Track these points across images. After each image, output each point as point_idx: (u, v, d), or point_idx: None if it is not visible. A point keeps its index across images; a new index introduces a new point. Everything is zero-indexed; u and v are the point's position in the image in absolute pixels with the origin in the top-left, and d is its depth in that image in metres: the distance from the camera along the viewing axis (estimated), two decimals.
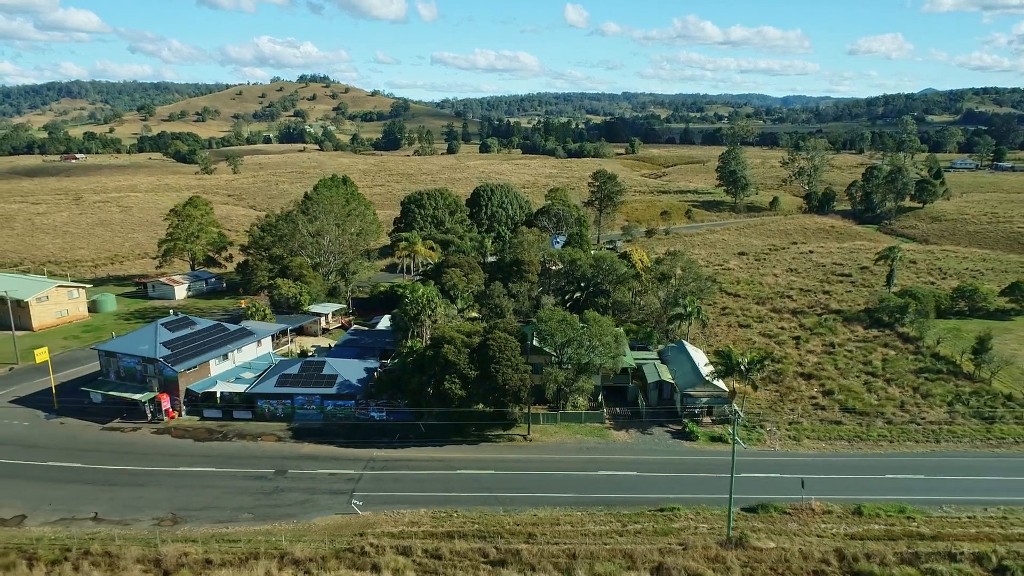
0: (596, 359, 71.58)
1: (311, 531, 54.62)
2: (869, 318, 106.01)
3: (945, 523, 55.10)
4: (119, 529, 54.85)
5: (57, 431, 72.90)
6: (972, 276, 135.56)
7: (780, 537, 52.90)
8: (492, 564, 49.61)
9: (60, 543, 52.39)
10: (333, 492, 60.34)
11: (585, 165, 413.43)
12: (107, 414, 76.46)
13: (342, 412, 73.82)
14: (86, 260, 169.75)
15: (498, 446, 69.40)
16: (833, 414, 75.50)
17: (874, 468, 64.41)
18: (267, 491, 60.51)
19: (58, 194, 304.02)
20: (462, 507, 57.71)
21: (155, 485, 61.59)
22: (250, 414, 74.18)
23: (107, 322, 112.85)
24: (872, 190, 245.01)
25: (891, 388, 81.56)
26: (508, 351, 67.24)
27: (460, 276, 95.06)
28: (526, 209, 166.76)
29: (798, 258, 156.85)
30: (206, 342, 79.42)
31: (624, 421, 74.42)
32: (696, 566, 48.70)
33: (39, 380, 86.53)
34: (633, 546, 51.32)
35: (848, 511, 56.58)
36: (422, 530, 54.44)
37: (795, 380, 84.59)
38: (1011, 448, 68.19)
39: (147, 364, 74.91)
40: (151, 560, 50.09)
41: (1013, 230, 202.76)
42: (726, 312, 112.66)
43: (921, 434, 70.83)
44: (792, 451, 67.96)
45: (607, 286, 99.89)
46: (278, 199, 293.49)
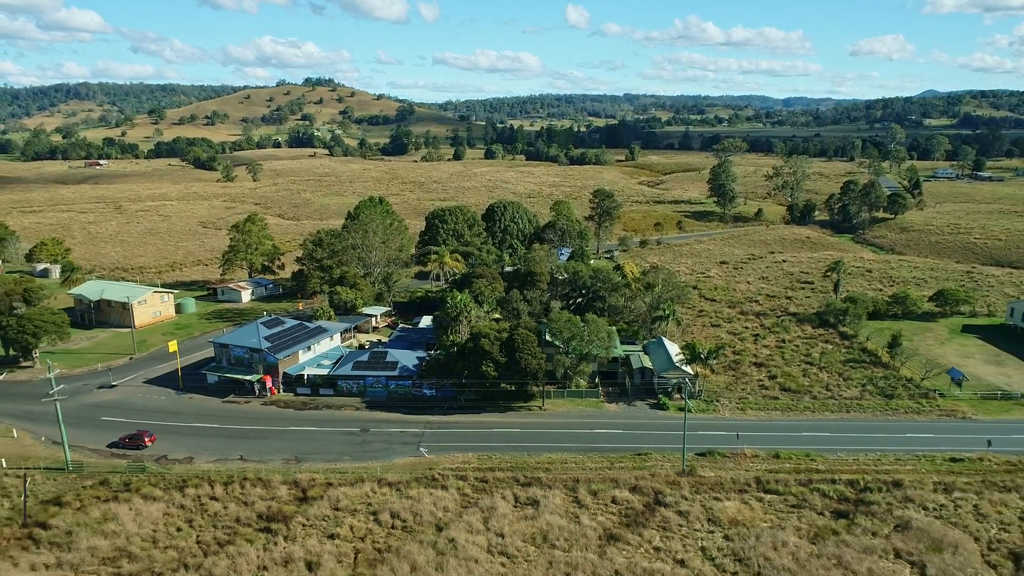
0: (594, 350, 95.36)
1: (394, 467, 78.43)
2: (818, 319, 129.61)
3: (836, 463, 78.79)
4: (260, 465, 78.77)
5: (189, 403, 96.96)
6: (916, 284, 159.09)
7: (719, 471, 76.65)
8: (521, 485, 73.38)
9: (225, 473, 76.31)
10: (405, 443, 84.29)
11: (586, 173, 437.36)
12: (220, 392, 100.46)
13: (402, 389, 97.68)
14: (149, 267, 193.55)
15: (520, 414, 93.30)
16: (773, 392, 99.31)
17: (795, 429, 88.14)
18: (358, 442, 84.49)
19: (98, 202, 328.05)
20: (498, 453, 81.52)
21: (276, 439, 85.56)
22: (332, 391, 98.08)
23: (191, 321, 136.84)
24: (849, 202, 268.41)
25: (822, 374, 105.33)
26: (529, 343, 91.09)
27: (486, 285, 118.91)
28: (534, 223, 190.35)
29: (771, 267, 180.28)
30: (295, 336, 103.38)
31: (615, 396, 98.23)
32: (659, 486, 72.46)
33: (159, 366, 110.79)
34: (617, 475, 75.13)
35: (770, 455, 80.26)
36: (471, 467, 78.24)
37: (749, 368, 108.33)
38: (900, 416, 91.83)
39: (254, 353, 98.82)
40: (291, 483, 73.96)
41: (969, 241, 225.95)
42: (703, 314, 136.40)
43: (836, 406, 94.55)
44: (738, 418, 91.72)
45: (603, 293, 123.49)
46: (302, 208, 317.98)
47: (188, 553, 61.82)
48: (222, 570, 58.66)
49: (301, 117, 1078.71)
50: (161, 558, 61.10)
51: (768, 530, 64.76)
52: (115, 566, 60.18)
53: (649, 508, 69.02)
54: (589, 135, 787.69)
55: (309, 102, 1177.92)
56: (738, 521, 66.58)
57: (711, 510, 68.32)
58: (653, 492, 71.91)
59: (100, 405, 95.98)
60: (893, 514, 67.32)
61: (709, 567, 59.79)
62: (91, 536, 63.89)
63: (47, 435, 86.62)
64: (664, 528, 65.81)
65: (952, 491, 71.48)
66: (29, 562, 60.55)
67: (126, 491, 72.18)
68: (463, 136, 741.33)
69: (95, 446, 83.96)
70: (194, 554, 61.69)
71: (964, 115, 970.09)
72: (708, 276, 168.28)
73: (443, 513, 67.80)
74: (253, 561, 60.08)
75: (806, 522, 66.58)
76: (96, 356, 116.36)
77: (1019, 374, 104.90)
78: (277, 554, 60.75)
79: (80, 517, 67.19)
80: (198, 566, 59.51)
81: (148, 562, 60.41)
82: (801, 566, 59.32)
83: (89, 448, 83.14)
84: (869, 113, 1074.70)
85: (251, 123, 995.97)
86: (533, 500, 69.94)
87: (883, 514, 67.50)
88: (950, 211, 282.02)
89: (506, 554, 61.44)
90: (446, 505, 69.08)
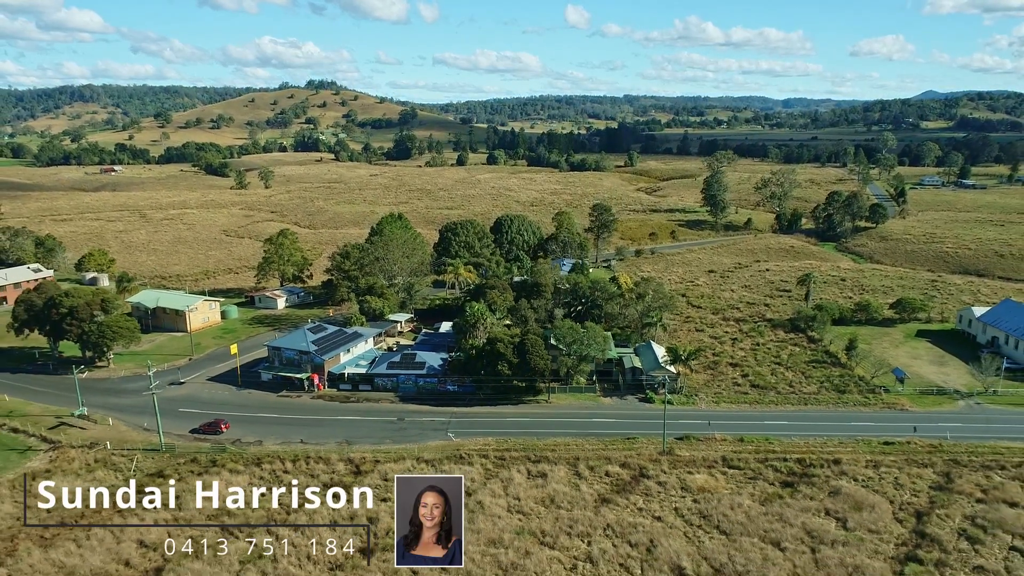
0: (592, 352, 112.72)
1: (428, 448, 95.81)
2: (790, 324, 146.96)
3: (789, 445, 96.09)
4: (319, 447, 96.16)
5: (249, 397, 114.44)
6: (884, 292, 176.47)
7: (693, 451, 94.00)
8: (532, 462, 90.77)
9: (291, 452, 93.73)
10: (435, 429, 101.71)
11: (587, 180, 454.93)
12: (273, 388, 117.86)
13: (429, 386, 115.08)
14: (185, 275, 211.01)
15: (530, 406, 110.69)
16: (744, 388, 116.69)
17: (760, 418, 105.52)
18: (396, 428, 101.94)
19: (122, 211, 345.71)
20: (512, 437, 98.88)
21: (328, 426, 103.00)
22: (369, 387, 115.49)
23: (235, 326, 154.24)
24: (833, 212, 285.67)
25: (787, 372, 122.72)
26: (537, 347, 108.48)
27: (498, 295, 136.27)
28: (538, 234, 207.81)
29: (755, 275, 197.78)
30: (336, 340, 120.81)
31: (609, 392, 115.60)
32: (643, 463, 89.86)
33: (217, 365, 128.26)
34: (610, 454, 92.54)
35: (735, 439, 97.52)
36: (491, 448, 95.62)
37: (726, 367, 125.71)
38: (849, 408, 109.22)
39: (303, 355, 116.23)
40: (346, 460, 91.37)
41: (942, 250, 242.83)
42: (688, 320, 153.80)
43: (796, 400, 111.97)
44: (712, 409, 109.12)
45: (601, 302, 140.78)
46: (317, 216, 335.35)
47: (274, 511, 79.26)
48: (303, 521, 76.08)
49: (305, 120, 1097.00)
50: (253, 515, 78.50)
51: (728, 495, 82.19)
52: (219, 520, 77.60)
53: (635, 479, 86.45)
54: (589, 138, 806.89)
55: (313, 105, 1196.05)
56: (705, 489, 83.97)
57: (684, 481, 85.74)
58: (638, 467, 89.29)
59: (174, 399, 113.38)
60: (829, 484, 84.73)
61: (680, 521, 77.24)
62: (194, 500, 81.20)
63: (134, 423, 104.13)
64: (646, 494, 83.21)
65: (880, 467, 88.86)
66: (152, 518, 77.97)
67: (214, 467, 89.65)
68: (465, 141, 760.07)
69: (179, 432, 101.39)
70: (278, 512, 79.09)
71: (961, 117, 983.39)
72: (696, 284, 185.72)
73: (470, 483, 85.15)
74: (325, 517, 77.51)
75: (759, 490, 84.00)
76: (159, 357, 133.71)
77: (957, 373, 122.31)
78: (343, 511, 78.12)
79: (182, 485, 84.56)
80: (284, 521, 76.94)
81: (244, 518, 77.82)
82: (751, 520, 76.74)
83: (175, 434, 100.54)
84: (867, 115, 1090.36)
85: (256, 126, 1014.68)
86: (542, 473, 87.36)
87: (821, 484, 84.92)
88: (930, 220, 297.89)
89: (522, 512, 78.87)
90: (472, 477, 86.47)
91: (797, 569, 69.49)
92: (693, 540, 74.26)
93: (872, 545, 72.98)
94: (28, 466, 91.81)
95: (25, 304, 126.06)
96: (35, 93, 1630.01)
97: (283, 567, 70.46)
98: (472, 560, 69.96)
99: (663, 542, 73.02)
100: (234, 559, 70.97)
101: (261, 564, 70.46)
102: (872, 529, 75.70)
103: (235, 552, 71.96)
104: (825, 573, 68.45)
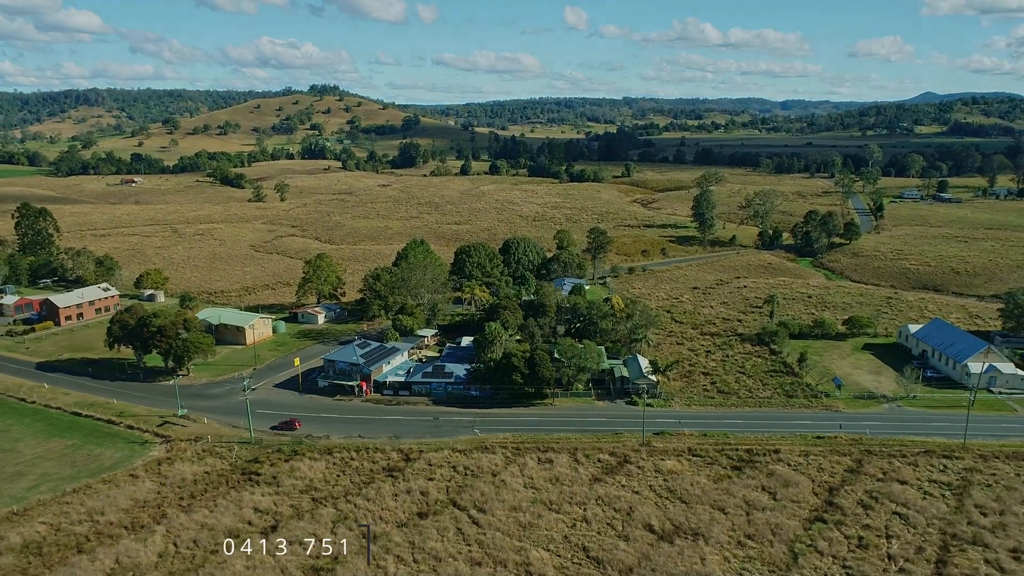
0: (588, 364, 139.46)
1: (460, 441, 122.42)
2: (757, 339, 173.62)
3: (742, 439, 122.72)
4: (374, 440, 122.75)
5: (310, 401, 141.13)
6: (843, 309, 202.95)
7: (667, 443, 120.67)
8: (541, 451, 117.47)
9: (354, 445, 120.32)
10: (464, 426, 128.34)
11: (585, 192, 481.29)
12: (328, 393, 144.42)
13: (456, 392, 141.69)
14: (229, 291, 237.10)
15: (538, 408, 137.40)
16: (712, 393, 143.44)
17: (721, 418, 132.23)
18: (433, 426, 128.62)
19: (154, 225, 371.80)
20: (525, 432, 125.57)
21: (378, 424, 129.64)
22: (408, 392, 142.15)
23: (285, 340, 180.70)
24: (811, 229, 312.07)
25: (748, 380, 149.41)
26: (544, 360, 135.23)
27: (510, 315, 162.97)
28: (541, 255, 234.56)
29: (734, 292, 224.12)
30: (379, 354, 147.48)
31: (602, 397, 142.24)
32: (627, 452, 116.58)
33: (279, 374, 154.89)
34: (601, 445, 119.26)
35: (700, 434, 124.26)
36: (509, 441, 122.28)
37: (699, 376, 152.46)
38: (795, 410, 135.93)
39: (353, 366, 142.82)
40: (397, 450, 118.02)
41: (906, 267, 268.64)
42: (671, 335, 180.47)
43: (753, 403, 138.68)
44: (684, 411, 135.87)
45: (596, 319, 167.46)
46: (336, 231, 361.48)
47: (350, 486, 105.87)
48: (372, 494, 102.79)
49: (310, 127, 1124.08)
50: (335, 490, 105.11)
51: (690, 475, 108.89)
52: (309, 495, 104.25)
53: (620, 464, 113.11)
54: (588, 144, 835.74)
55: (317, 111, 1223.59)
56: (673, 471, 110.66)
57: (657, 465, 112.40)
58: (623, 455, 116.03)
59: (251, 402, 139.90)
60: (768, 467, 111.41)
61: (652, 494, 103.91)
62: (288, 479, 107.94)
63: (224, 421, 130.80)
64: (628, 475, 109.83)
65: (809, 455, 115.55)
66: (258, 493, 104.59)
67: (296, 455, 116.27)
68: (467, 150, 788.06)
69: (261, 428, 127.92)
70: (352, 487, 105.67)
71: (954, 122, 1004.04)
72: (680, 301, 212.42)
73: (494, 466, 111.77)
74: (388, 491, 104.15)
75: (714, 472, 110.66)
76: (227, 367, 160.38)
77: (889, 381, 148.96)
78: (401, 487, 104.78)
79: (274, 469, 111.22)
80: (359, 492, 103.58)
81: (328, 491, 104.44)
82: (705, 493, 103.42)
83: (259, 430, 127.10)
84: (863, 120, 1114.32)
85: (263, 133, 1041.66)
86: (549, 460, 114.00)
87: (762, 467, 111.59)
88: (901, 235, 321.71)
89: (534, 487, 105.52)
90: (496, 462, 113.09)
91: (735, 527, 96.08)
92: (661, 507, 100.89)
93: (792, 511, 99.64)
94: (151, 455, 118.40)
95: (120, 323, 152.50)
96: (40, 96, 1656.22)
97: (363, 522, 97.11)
98: (500, 520, 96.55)
99: (639, 508, 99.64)
100: (328, 520, 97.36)
101: (347, 523, 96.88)
102: (794, 500, 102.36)
103: (327, 515, 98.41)
104: (754, 529, 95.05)
